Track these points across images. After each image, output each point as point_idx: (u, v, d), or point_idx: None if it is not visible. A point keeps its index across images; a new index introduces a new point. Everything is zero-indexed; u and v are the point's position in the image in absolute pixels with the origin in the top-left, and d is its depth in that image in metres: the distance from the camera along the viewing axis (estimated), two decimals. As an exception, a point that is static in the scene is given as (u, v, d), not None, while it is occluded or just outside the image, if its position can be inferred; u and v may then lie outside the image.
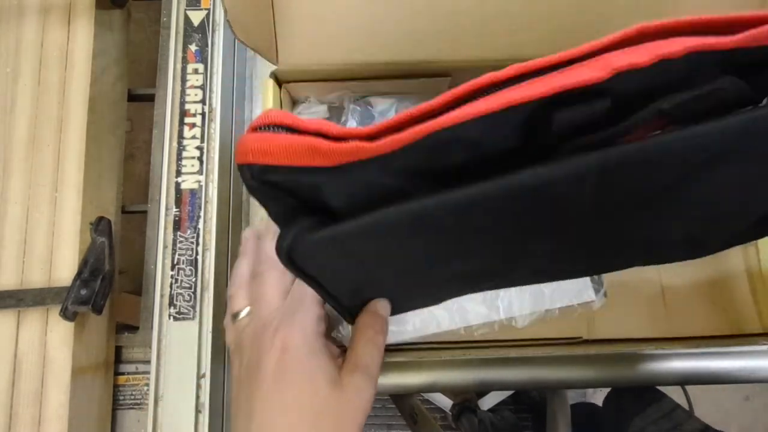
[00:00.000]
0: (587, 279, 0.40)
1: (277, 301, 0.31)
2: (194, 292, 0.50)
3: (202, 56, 0.56)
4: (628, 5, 0.40)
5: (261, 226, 0.37)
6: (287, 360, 0.28)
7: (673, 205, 0.25)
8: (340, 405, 0.27)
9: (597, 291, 0.39)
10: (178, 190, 0.53)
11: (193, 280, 0.51)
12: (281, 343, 0.28)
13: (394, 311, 0.33)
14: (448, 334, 0.40)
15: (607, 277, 0.41)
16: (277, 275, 0.32)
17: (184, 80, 0.55)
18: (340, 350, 0.32)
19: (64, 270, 0.48)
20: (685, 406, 0.62)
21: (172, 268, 0.51)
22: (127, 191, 0.60)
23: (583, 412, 0.78)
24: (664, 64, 0.20)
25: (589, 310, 0.39)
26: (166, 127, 0.54)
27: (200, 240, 0.51)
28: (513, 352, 0.40)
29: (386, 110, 0.46)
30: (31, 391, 0.46)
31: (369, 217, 0.21)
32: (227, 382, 0.52)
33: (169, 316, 0.50)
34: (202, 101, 0.55)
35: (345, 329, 0.38)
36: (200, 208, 0.52)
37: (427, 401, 1.07)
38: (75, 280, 0.46)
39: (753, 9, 0.40)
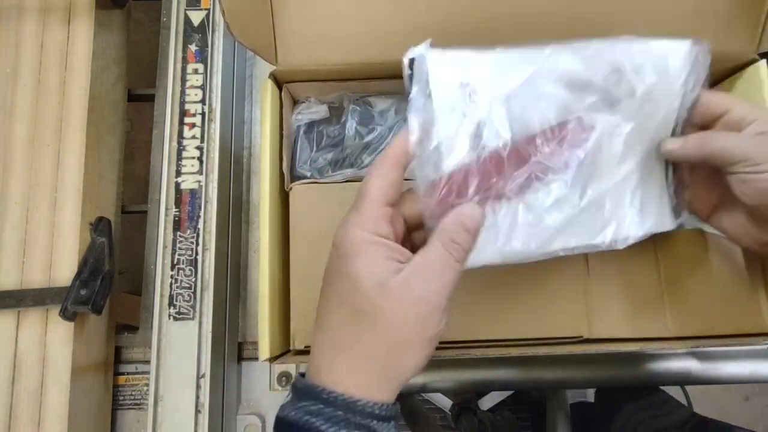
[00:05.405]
0: (669, 206, 0.37)
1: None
2: (194, 292, 0.50)
3: (202, 56, 0.56)
4: (625, 5, 0.40)
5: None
6: (334, 259, 0.29)
7: None
8: (384, 310, 0.27)
9: (676, 217, 0.37)
10: (178, 190, 0.53)
11: (193, 280, 0.51)
12: (334, 242, 0.29)
13: None
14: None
15: (606, 278, 0.42)
16: (375, 176, 0.30)
17: (184, 80, 0.55)
18: (412, 255, 0.29)
19: (64, 270, 0.48)
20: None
21: (172, 268, 0.51)
22: (127, 191, 0.60)
23: (582, 411, 0.78)
24: None
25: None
26: (166, 127, 0.54)
27: (200, 240, 0.51)
28: (513, 352, 0.39)
29: (386, 110, 0.46)
30: (31, 391, 0.46)
31: None
32: (226, 382, 0.52)
33: (169, 316, 0.50)
34: (202, 101, 0.55)
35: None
36: (200, 208, 0.52)
37: (427, 401, 1.07)
38: (75, 280, 0.46)
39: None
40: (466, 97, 0.32)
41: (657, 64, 0.34)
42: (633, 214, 0.36)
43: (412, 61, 0.32)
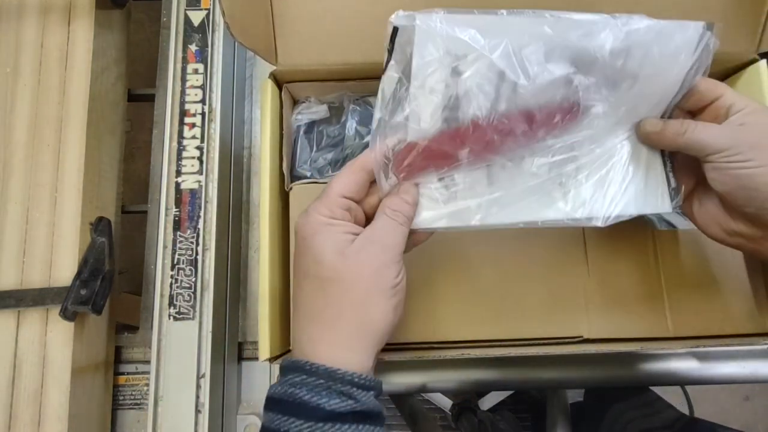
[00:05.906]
0: (665, 185, 0.37)
1: None
2: (194, 292, 0.50)
3: (202, 56, 0.56)
4: (625, 2, 0.40)
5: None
6: (297, 243, 0.33)
7: None
8: (345, 271, 0.31)
9: (673, 198, 0.37)
10: (178, 190, 0.53)
11: (193, 280, 0.51)
12: (295, 228, 0.33)
13: None
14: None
15: (606, 278, 0.42)
16: (339, 176, 0.34)
17: (184, 80, 0.55)
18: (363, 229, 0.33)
19: (64, 270, 0.48)
20: (686, 406, 0.62)
21: (172, 268, 0.51)
22: (127, 191, 0.60)
23: (576, 411, 0.78)
24: None
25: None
26: (166, 127, 0.54)
27: (200, 240, 0.51)
28: (513, 352, 0.39)
29: (386, 110, 0.45)
30: (31, 391, 0.46)
31: None
32: (226, 382, 0.52)
33: (169, 316, 0.50)
34: (202, 101, 0.55)
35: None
36: (200, 208, 0.52)
37: (427, 401, 1.07)
38: (75, 280, 0.46)
39: None
40: (451, 67, 0.31)
41: (666, 47, 0.33)
42: (623, 192, 0.36)
43: (395, 31, 0.30)
